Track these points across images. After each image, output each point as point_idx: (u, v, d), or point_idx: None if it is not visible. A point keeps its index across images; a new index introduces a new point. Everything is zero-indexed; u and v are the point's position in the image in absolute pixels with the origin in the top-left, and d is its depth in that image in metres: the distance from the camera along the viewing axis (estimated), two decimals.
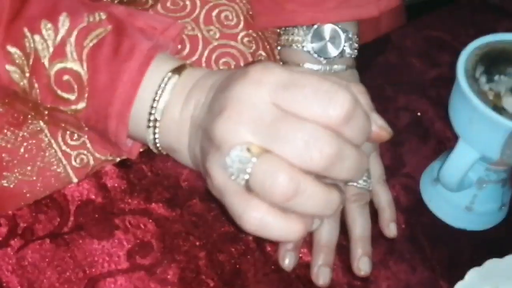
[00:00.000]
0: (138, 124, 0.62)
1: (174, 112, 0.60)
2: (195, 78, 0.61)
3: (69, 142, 0.71)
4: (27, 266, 0.64)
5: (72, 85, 0.62)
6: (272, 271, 0.65)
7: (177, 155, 0.63)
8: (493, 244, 0.68)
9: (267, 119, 0.52)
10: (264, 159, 0.51)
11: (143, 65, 0.61)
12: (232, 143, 0.52)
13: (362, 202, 0.68)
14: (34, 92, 0.64)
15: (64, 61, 0.62)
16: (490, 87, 0.62)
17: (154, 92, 0.61)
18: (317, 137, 0.50)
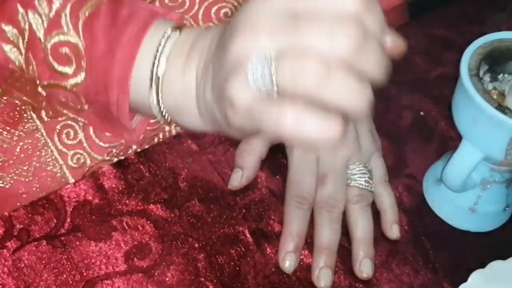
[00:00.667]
0: (140, 88, 0.61)
1: (178, 67, 0.59)
2: (196, 32, 0.60)
3: (66, 141, 0.70)
4: (23, 268, 0.63)
5: (69, 58, 0.62)
6: (273, 273, 0.65)
7: (185, 116, 0.61)
8: (497, 245, 0.68)
9: (283, 22, 0.50)
10: (287, 55, 0.49)
11: (142, 29, 0.60)
12: (250, 52, 0.50)
13: (364, 204, 0.67)
14: (31, 69, 0.63)
15: (60, 34, 0.62)
16: (494, 86, 0.62)
17: (155, 48, 0.59)
18: (340, 23, 0.49)
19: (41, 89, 0.64)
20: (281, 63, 0.49)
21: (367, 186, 0.68)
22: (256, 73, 0.50)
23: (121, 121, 0.64)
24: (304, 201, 0.66)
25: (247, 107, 0.51)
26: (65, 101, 0.65)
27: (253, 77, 0.50)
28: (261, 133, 0.52)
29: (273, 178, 0.71)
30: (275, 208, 0.68)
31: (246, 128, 0.53)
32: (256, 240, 0.66)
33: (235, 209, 0.68)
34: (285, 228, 0.66)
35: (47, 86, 0.64)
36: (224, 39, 0.54)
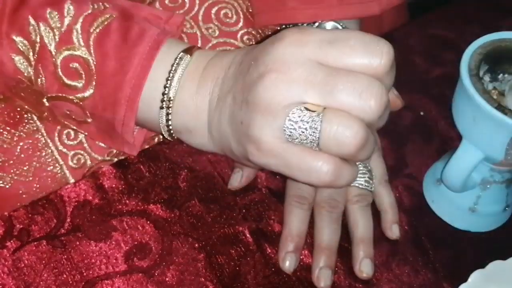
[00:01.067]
0: (149, 107, 0.62)
1: (190, 89, 0.61)
2: (208, 57, 0.62)
3: (66, 142, 0.70)
4: (24, 268, 0.63)
5: (79, 72, 0.62)
6: (273, 273, 0.65)
7: (192, 136, 0.63)
8: (497, 245, 0.68)
9: (318, 75, 0.53)
10: (332, 114, 0.53)
11: (153, 48, 0.62)
12: (287, 103, 0.53)
13: (364, 204, 0.67)
14: (40, 81, 0.63)
15: (71, 49, 0.62)
16: (494, 86, 0.62)
17: (167, 72, 0.62)
18: (372, 86, 0.53)
19: (46, 100, 0.65)
20: (326, 125, 0.53)
21: (367, 186, 0.68)
22: (294, 125, 0.54)
23: (124, 137, 0.65)
24: (304, 201, 0.66)
25: (276, 151, 0.55)
26: (69, 113, 0.65)
27: (292, 128, 0.54)
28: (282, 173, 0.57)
29: (273, 178, 0.70)
30: (275, 208, 0.68)
31: (267, 167, 0.58)
32: (256, 240, 0.66)
33: (235, 209, 0.68)
34: (285, 228, 0.66)
35: (54, 98, 0.64)
36: (250, 77, 0.56)
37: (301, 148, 0.55)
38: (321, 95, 0.53)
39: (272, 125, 0.54)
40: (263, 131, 0.55)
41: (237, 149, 0.59)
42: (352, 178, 0.57)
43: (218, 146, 0.63)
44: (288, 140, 0.54)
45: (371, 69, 0.53)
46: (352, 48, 0.53)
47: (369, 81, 0.53)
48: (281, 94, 0.54)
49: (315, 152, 0.55)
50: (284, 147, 0.55)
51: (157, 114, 0.63)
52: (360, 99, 0.53)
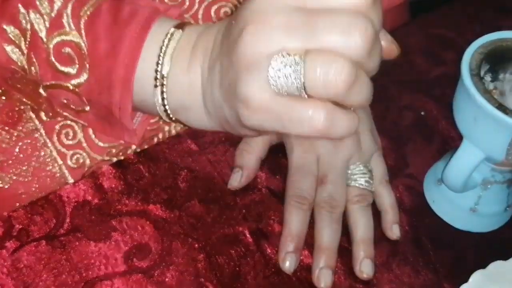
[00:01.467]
0: (144, 87, 0.61)
1: (182, 65, 0.60)
2: (199, 30, 0.61)
3: (65, 141, 0.70)
4: (23, 269, 0.63)
5: (72, 58, 0.62)
6: (273, 273, 0.65)
7: (190, 114, 0.62)
8: (498, 246, 0.68)
9: (297, 19, 0.50)
10: (314, 54, 0.50)
11: (145, 28, 0.61)
12: (268, 53, 0.51)
13: (365, 204, 0.67)
14: (34, 69, 0.63)
15: (62, 34, 0.62)
16: (495, 85, 0.62)
17: (159, 48, 0.60)
18: (355, 21, 0.49)
19: (43, 90, 0.64)
20: (309, 66, 0.50)
21: (367, 186, 0.68)
22: (279, 73, 0.51)
23: (122, 121, 0.64)
24: (304, 201, 0.66)
25: (265, 106, 0.52)
26: (66, 102, 0.65)
27: (276, 75, 0.51)
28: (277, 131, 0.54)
29: (273, 178, 0.70)
30: (275, 208, 0.68)
31: (261, 127, 0.54)
32: (256, 240, 0.66)
33: (235, 209, 0.68)
34: (285, 228, 0.66)
35: (49, 87, 0.64)
36: (232, 37, 0.53)
37: (290, 98, 0.52)
38: (302, 38, 0.50)
39: (257, 78, 0.52)
40: (249, 86, 0.52)
41: (231, 116, 0.57)
42: (350, 126, 0.53)
43: (215, 120, 0.61)
44: (276, 91, 0.51)
45: (353, 5, 0.50)
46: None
47: (351, 16, 0.50)
48: (261, 45, 0.51)
49: (305, 100, 0.51)
50: (273, 100, 0.52)
51: (152, 94, 0.61)
52: (343, 35, 0.49)
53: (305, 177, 0.67)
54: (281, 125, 0.53)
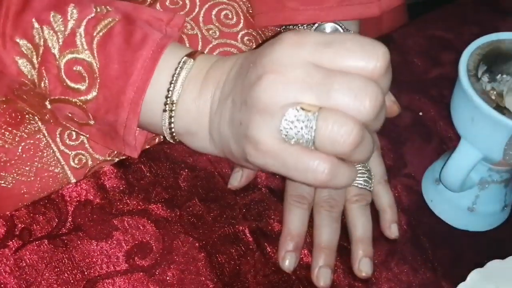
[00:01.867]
0: (152, 110, 0.63)
1: (193, 93, 0.62)
2: (211, 62, 0.63)
3: (68, 142, 0.70)
4: (25, 267, 0.63)
5: (82, 75, 0.63)
6: (272, 272, 0.65)
7: (194, 139, 0.64)
8: (496, 245, 0.68)
9: (314, 77, 0.54)
10: (327, 113, 0.53)
11: (157, 52, 0.62)
12: (284, 104, 0.54)
13: (363, 203, 0.67)
14: (43, 84, 0.64)
15: (75, 52, 0.63)
16: (492, 86, 0.62)
17: (171, 75, 0.62)
18: (367, 86, 0.53)
19: (49, 103, 0.65)
20: (321, 124, 0.53)
21: (366, 185, 0.68)
22: (291, 125, 0.54)
23: (125, 139, 0.65)
24: (303, 201, 0.67)
25: (273, 151, 0.56)
26: (71, 116, 0.65)
27: (288, 128, 0.54)
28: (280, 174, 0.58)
29: (273, 178, 0.71)
30: (275, 207, 0.69)
31: (265, 167, 0.58)
32: (256, 239, 0.67)
33: (235, 208, 0.68)
34: (285, 227, 0.66)
35: (56, 101, 0.65)
36: (248, 80, 0.56)
37: (298, 148, 0.55)
38: (317, 95, 0.54)
39: (269, 125, 0.55)
40: (261, 131, 0.55)
41: (236, 151, 0.60)
42: (350, 179, 0.57)
43: (219, 149, 0.63)
44: (285, 140, 0.55)
45: (367, 72, 0.54)
46: (348, 50, 0.54)
47: (365, 82, 0.53)
48: (278, 95, 0.54)
49: (312, 152, 0.55)
50: (281, 147, 0.55)
51: (160, 117, 0.63)
52: (356, 99, 0.53)
53: None
54: (286, 170, 0.56)
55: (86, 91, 0.63)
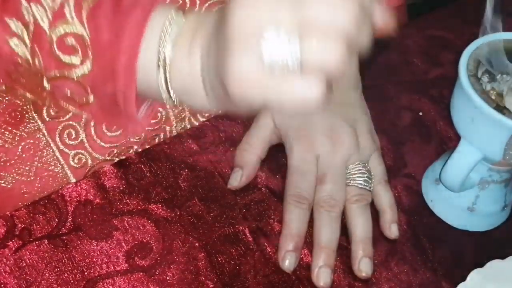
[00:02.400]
0: (147, 73, 0.61)
1: (183, 50, 0.59)
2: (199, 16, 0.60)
3: (67, 141, 0.70)
4: (25, 267, 0.63)
5: (75, 48, 0.62)
6: (272, 272, 0.65)
7: (192, 97, 0.62)
8: (496, 245, 0.68)
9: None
10: (309, 31, 0.49)
11: (146, 14, 0.61)
12: (259, 26, 0.50)
13: (363, 203, 0.67)
14: (38, 61, 0.63)
15: (65, 24, 0.62)
16: (492, 86, 0.62)
17: (160, 32, 0.60)
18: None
19: (46, 82, 0.64)
20: (306, 41, 0.49)
21: (366, 185, 0.68)
22: (271, 49, 0.50)
23: (127, 110, 0.64)
24: (303, 201, 0.67)
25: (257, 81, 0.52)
26: (70, 95, 0.65)
27: (269, 52, 0.50)
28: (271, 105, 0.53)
29: (273, 178, 0.71)
30: (275, 207, 0.69)
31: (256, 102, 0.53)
32: (256, 239, 0.67)
33: (235, 208, 0.68)
34: (285, 227, 0.66)
35: (53, 79, 0.64)
36: (224, 15, 0.53)
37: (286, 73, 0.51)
38: (291, 13, 0.50)
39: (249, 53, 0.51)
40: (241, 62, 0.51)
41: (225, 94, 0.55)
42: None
43: (214, 101, 0.60)
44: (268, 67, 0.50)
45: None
46: None
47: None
48: (251, 18, 0.50)
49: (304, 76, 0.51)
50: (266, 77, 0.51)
51: (156, 79, 0.62)
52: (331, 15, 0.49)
53: (304, 176, 0.68)
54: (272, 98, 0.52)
55: (80, 63, 0.62)
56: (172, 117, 0.74)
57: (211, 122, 0.75)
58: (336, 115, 0.71)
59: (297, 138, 0.69)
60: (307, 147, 0.69)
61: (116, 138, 0.72)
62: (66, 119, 0.70)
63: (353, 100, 0.74)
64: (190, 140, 0.73)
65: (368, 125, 0.72)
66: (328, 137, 0.69)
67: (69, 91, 0.64)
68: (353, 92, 0.74)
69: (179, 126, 0.75)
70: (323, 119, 0.70)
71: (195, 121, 0.76)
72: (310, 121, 0.70)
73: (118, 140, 0.72)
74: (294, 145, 0.69)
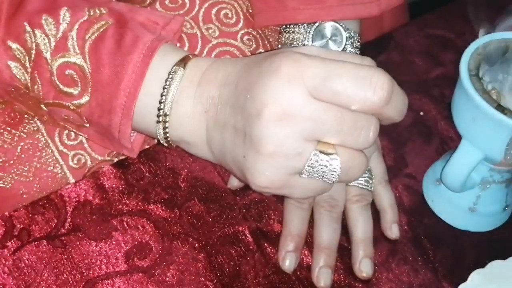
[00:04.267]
0: (145, 119, 0.62)
1: (186, 106, 0.61)
2: (201, 70, 0.62)
3: (66, 142, 0.70)
4: (24, 268, 0.63)
5: (75, 79, 0.62)
6: (273, 273, 0.65)
7: (192, 148, 0.64)
8: (497, 245, 0.68)
9: (316, 115, 0.55)
10: (345, 155, 0.56)
11: (147, 56, 0.62)
12: (289, 149, 0.55)
13: (364, 203, 0.67)
14: (36, 88, 0.63)
15: (66, 56, 0.62)
16: (493, 86, 0.62)
17: (161, 87, 0.62)
18: (366, 124, 0.56)
19: (44, 106, 0.65)
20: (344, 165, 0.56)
21: (366, 185, 0.68)
22: (313, 169, 0.56)
23: (121, 142, 0.65)
24: (304, 201, 0.66)
25: (282, 184, 0.58)
26: (67, 118, 0.65)
27: (311, 171, 0.57)
28: None
29: None
30: (275, 208, 0.69)
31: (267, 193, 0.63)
32: (256, 240, 0.66)
33: (235, 209, 0.68)
34: (285, 227, 0.66)
35: (51, 105, 0.64)
36: (248, 110, 0.57)
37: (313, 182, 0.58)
38: (322, 135, 0.55)
39: (282, 165, 0.56)
40: (272, 171, 0.57)
41: (240, 175, 0.60)
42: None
43: (219, 161, 0.63)
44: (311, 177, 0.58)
45: (369, 104, 0.55)
46: (345, 87, 0.54)
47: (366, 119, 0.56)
48: (286, 141, 0.55)
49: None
50: (291, 180, 0.58)
51: (154, 126, 0.63)
52: (360, 138, 0.56)
53: None
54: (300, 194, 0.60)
55: (79, 95, 0.63)
56: None
57: None
58: None
59: None
60: None
61: None
62: None
63: None
64: None
65: None
66: None
67: (66, 116, 0.64)
68: None
69: None
70: None
71: None
72: None
73: None
74: None
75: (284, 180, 0.57)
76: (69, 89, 0.63)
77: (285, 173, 0.57)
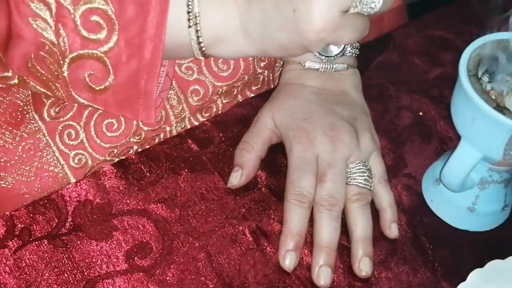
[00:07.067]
0: (177, 32, 0.62)
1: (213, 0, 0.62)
2: None
3: (67, 142, 0.70)
4: (25, 267, 0.63)
5: (100, 24, 0.61)
6: (273, 272, 0.65)
7: (227, 44, 0.64)
8: (496, 245, 0.68)
9: None
10: None
11: None
12: None
13: (363, 202, 0.67)
14: (62, 41, 0.62)
15: (88, 2, 0.61)
16: (492, 86, 0.62)
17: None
18: None
19: (67, 67, 0.63)
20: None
21: (366, 184, 0.68)
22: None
23: (146, 91, 0.63)
24: (303, 200, 0.66)
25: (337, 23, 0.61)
26: (87, 80, 0.63)
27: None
28: None
29: (273, 178, 0.71)
30: (275, 207, 0.69)
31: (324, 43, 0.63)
32: (256, 239, 0.67)
33: (235, 208, 0.68)
34: (285, 226, 0.66)
35: (76, 58, 0.63)
36: None
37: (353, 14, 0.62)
38: None
39: (330, 4, 0.59)
40: (323, 11, 0.59)
41: (290, 40, 0.62)
42: None
43: (259, 46, 0.64)
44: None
45: None
46: None
47: None
48: None
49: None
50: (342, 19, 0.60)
51: (187, 35, 0.62)
52: None
53: (304, 175, 0.67)
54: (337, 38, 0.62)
55: (106, 39, 0.62)
56: (172, 117, 0.74)
57: (211, 122, 0.75)
58: (336, 114, 0.71)
59: (297, 137, 0.69)
60: (307, 146, 0.69)
61: (116, 138, 0.72)
62: (66, 119, 0.70)
63: (353, 100, 0.74)
64: (189, 140, 0.73)
65: (368, 125, 0.72)
66: (328, 136, 0.69)
67: (89, 73, 0.63)
68: (354, 92, 0.74)
69: (179, 126, 0.75)
70: (323, 118, 0.70)
71: (195, 121, 0.76)
72: (310, 120, 0.70)
73: (118, 140, 0.72)
74: (294, 144, 0.69)
75: (337, 17, 0.60)
76: (95, 36, 0.62)
77: (338, 9, 0.59)
